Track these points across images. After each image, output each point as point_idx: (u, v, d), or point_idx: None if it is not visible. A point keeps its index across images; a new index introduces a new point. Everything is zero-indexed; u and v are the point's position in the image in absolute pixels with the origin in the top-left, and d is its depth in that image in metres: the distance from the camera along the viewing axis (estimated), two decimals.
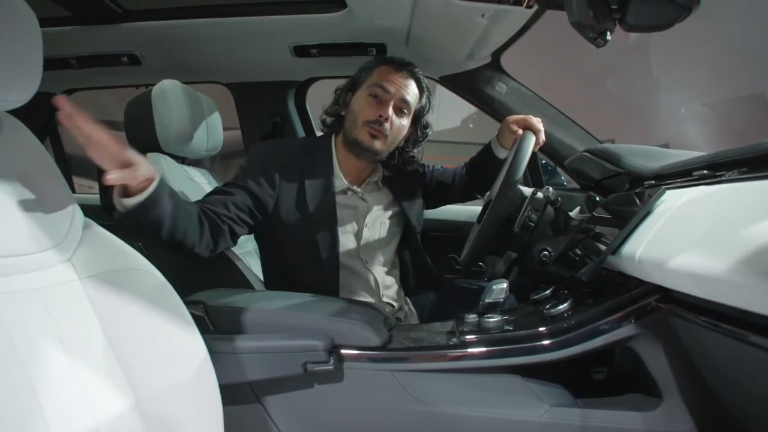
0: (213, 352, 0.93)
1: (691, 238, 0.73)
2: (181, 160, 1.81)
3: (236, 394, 1.04)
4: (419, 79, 1.53)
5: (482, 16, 1.54)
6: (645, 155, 1.27)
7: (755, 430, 0.78)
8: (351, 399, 1.05)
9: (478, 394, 1.03)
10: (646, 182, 1.15)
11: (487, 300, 1.09)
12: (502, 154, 1.60)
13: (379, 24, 1.77)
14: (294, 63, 2.12)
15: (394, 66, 1.50)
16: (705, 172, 0.92)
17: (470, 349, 1.04)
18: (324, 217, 1.44)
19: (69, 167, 2.78)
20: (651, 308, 0.92)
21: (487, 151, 1.64)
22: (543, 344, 0.99)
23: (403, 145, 1.57)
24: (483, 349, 1.03)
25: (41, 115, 2.46)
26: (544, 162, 2.14)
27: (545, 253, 1.11)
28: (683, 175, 1.00)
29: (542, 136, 1.47)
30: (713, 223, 0.72)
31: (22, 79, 0.78)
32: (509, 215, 1.16)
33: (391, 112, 1.44)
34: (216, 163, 2.82)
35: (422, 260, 1.66)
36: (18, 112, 0.82)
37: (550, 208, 1.15)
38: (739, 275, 0.59)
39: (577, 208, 1.46)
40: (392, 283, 1.58)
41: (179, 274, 1.02)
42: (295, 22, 1.83)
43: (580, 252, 1.12)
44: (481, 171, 1.70)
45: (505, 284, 1.09)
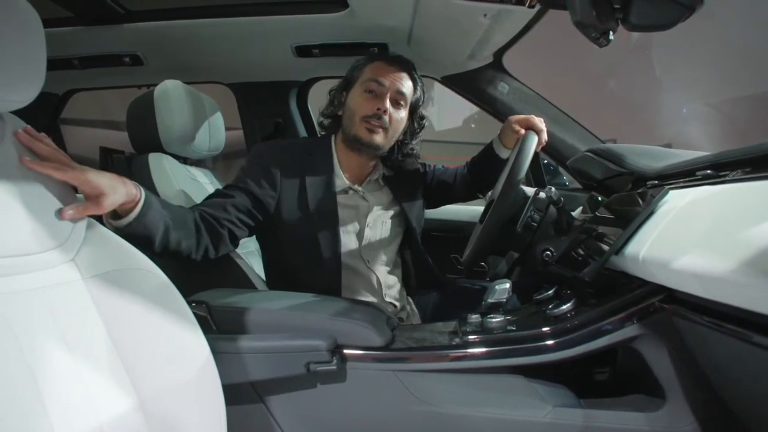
0: (216, 352, 0.92)
1: (695, 238, 0.73)
2: (183, 160, 1.81)
3: (239, 394, 1.04)
4: (412, 72, 1.53)
5: (484, 15, 1.53)
6: (648, 155, 1.27)
7: (759, 431, 0.78)
8: (354, 399, 1.05)
9: (481, 395, 1.03)
10: (649, 182, 1.14)
11: (490, 300, 1.09)
12: (504, 153, 1.60)
13: (381, 24, 1.77)
14: (296, 63, 2.12)
15: (386, 60, 1.50)
16: (708, 172, 0.91)
17: (473, 350, 1.04)
18: (325, 217, 1.44)
19: None
20: (654, 308, 0.92)
21: (489, 151, 1.64)
22: (546, 344, 0.99)
23: (402, 138, 1.57)
24: (486, 350, 1.03)
25: (44, 116, 2.46)
26: (546, 162, 2.13)
27: (548, 253, 1.11)
28: (686, 175, 0.99)
29: (544, 136, 1.47)
30: (717, 223, 0.72)
31: (26, 80, 0.78)
32: (512, 215, 1.16)
33: (388, 105, 1.44)
34: (218, 163, 2.82)
35: (423, 260, 1.66)
36: (20, 112, 0.82)
37: (552, 208, 1.15)
38: (743, 275, 0.59)
39: (580, 208, 1.46)
40: (395, 282, 1.58)
41: (182, 274, 1.02)
42: (297, 22, 1.84)
43: (582, 252, 1.12)
44: (483, 171, 1.70)
45: (508, 284, 1.09)
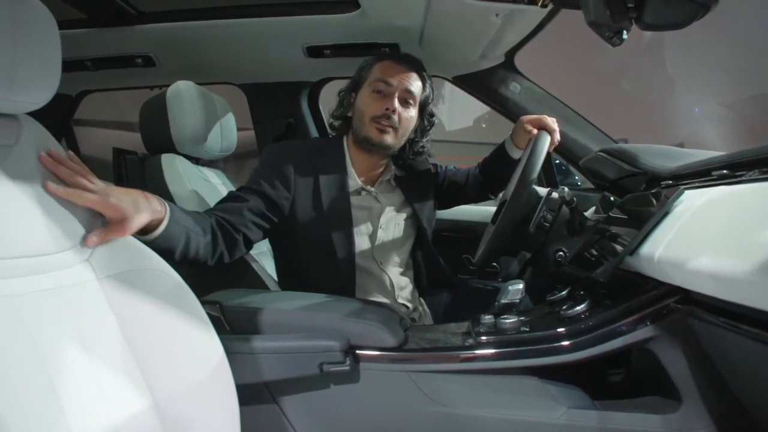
0: (229, 352, 0.93)
1: (712, 239, 0.72)
2: (196, 160, 1.82)
3: (252, 395, 1.04)
4: (420, 71, 1.52)
5: (496, 15, 1.53)
6: (662, 155, 1.26)
7: None
8: (367, 399, 1.05)
9: (495, 396, 1.03)
10: (664, 182, 1.14)
11: (503, 300, 1.09)
12: (516, 154, 1.59)
13: (393, 24, 1.77)
14: (307, 63, 2.12)
15: (394, 60, 1.50)
16: (725, 172, 0.91)
17: (486, 350, 1.03)
18: (339, 218, 1.44)
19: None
20: (670, 310, 0.91)
21: (501, 152, 1.64)
22: (561, 345, 0.98)
23: (413, 136, 1.57)
24: (499, 350, 1.03)
25: (57, 117, 2.48)
26: (557, 162, 2.12)
27: (560, 253, 1.10)
28: (702, 175, 0.99)
29: (557, 136, 1.46)
30: (734, 224, 0.71)
31: (42, 82, 0.79)
32: (524, 215, 1.16)
33: (397, 104, 1.43)
34: (228, 164, 2.83)
35: (435, 261, 1.65)
36: (35, 113, 0.83)
37: (565, 209, 1.14)
38: (761, 276, 0.59)
39: (592, 209, 1.45)
40: (407, 284, 1.58)
41: (195, 275, 1.03)
42: (309, 23, 1.84)
43: (595, 252, 1.11)
44: (495, 171, 1.69)
45: (521, 285, 1.08)
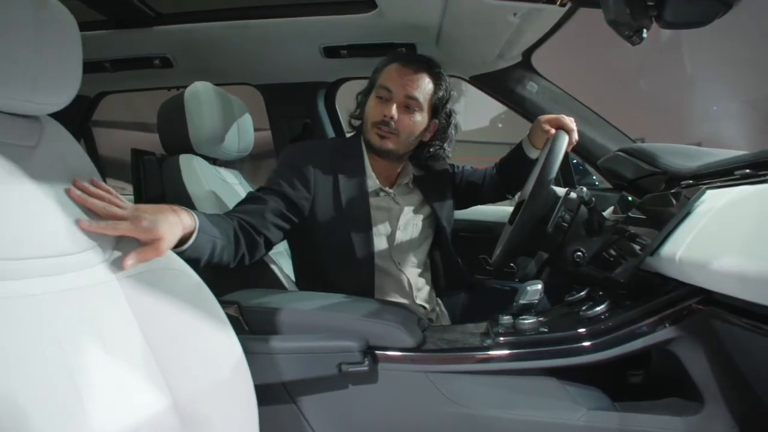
0: (248, 353, 0.93)
1: (735, 239, 0.71)
2: (213, 161, 1.83)
3: (271, 395, 1.05)
4: (432, 71, 1.49)
5: (514, 14, 1.52)
6: (682, 154, 1.24)
7: None
8: (385, 400, 1.06)
9: (514, 397, 1.02)
10: (684, 182, 1.12)
11: (521, 301, 1.09)
12: (533, 154, 1.58)
13: (410, 24, 1.77)
14: (324, 64, 2.13)
15: (401, 63, 1.47)
16: (747, 171, 0.89)
17: (505, 351, 1.03)
18: (359, 219, 1.44)
19: (103, 169, 2.82)
20: (691, 311, 0.90)
21: (519, 151, 1.63)
22: (580, 346, 0.98)
23: (429, 138, 1.55)
24: (518, 351, 1.03)
25: (76, 118, 2.51)
26: (575, 162, 2.11)
27: (579, 253, 1.10)
28: (723, 175, 0.97)
29: (575, 136, 1.44)
30: (758, 224, 0.70)
31: (64, 83, 0.80)
32: (542, 215, 1.15)
33: (394, 111, 1.42)
34: (245, 164, 2.86)
35: (453, 261, 1.65)
36: (54, 114, 0.84)
37: (583, 209, 1.13)
38: None
39: (610, 209, 1.44)
40: (424, 285, 1.58)
41: (213, 274, 1.04)
42: (326, 24, 1.84)
43: (614, 253, 1.10)
44: (512, 171, 1.68)
45: (539, 285, 1.08)
